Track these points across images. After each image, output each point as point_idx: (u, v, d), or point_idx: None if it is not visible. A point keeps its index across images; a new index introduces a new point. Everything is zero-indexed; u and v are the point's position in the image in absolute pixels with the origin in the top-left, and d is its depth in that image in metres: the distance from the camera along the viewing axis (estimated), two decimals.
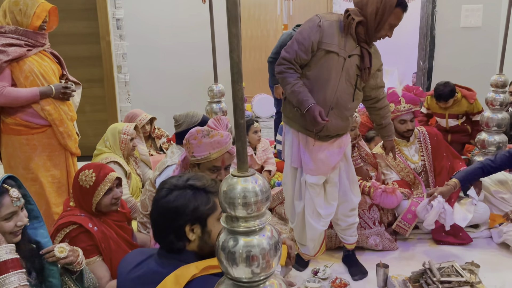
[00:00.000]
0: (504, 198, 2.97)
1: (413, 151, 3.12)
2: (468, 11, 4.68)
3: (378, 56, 2.31)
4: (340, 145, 2.30)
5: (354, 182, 2.44)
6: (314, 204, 2.31)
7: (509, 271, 2.48)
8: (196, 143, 2.02)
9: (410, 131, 3.03)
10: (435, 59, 4.80)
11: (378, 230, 2.78)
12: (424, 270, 2.17)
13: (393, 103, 3.00)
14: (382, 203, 2.77)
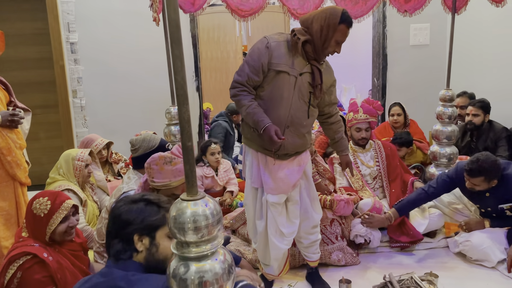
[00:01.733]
0: (458, 209, 3.08)
1: (369, 158, 3.28)
2: (416, 29, 4.91)
3: (330, 72, 2.34)
4: (300, 163, 2.31)
5: (315, 199, 2.45)
6: (277, 223, 2.30)
7: (466, 279, 2.55)
8: (157, 169, 1.99)
9: (364, 139, 3.23)
10: (388, 76, 4.99)
11: (340, 245, 2.81)
12: (385, 283, 2.20)
13: (352, 112, 3.20)
14: (343, 213, 2.90)
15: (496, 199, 2.70)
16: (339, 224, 2.87)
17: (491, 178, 2.61)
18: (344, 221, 2.92)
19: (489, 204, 2.76)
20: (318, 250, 2.54)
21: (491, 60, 4.43)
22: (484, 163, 2.56)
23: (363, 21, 3.42)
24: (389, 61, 4.96)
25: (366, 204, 2.99)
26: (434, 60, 4.83)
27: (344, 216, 2.93)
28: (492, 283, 2.49)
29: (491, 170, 2.57)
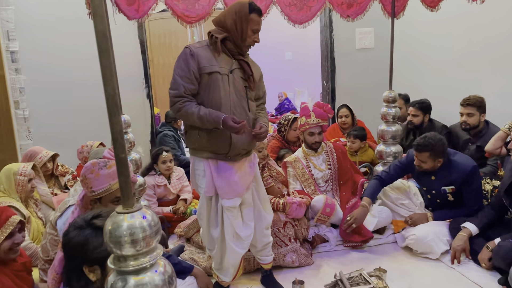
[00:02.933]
0: (404, 204, 3.21)
1: (321, 161, 3.34)
2: (361, 33, 5.09)
3: (257, 66, 2.42)
4: (250, 164, 2.35)
5: (266, 200, 2.49)
6: (234, 227, 2.31)
7: (413, 272, 2.66)
8: (93, 177, 1.92)
9: (318, 143, 3.28)
10: (337, 79, 5.13)
11: (294, 246, 2.85)
12: (336, 282, 2.25)
13: (304, 117, 3.22)
14: (296, 216, 2.93)
15: (440, 182, 2.92)
16: (292, 226, 2.91)
17: (437, 154, 2.83)
18: (297, 223, 2.96)
19: (434, 187, 2.97)
20: (271, 252, 2.56)
21: (431, 62, 4.67)
22: (430, 139, 2.82)
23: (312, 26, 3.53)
24: (337, 64, 5.11)
25: (319, 201, 3.05)
26: (379, 62, 5.03)
27: (297, 218, 2.97)
28: (437, 274, 2.62)
29: (436, 145, 2.80)
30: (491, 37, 3.83)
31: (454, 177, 2.87)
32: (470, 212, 2.85)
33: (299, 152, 3.42)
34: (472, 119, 3.36)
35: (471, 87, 3.98)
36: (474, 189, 2.88)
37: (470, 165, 2.84)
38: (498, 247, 2.44)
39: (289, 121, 3.89)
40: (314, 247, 3.05)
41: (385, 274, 2.42)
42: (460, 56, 4.23)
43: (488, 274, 2.53)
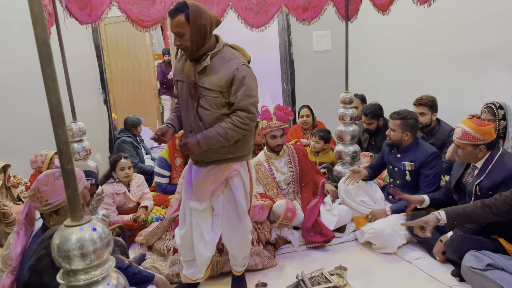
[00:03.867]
0: (364, 201, 3.31)
1: (283, 164, 3.38)
2: (318, 36, 5.19)
3: (226, 69, 2.13)
4: (217, 174, 2.25)
5: (242, 214, 2.35)
6: (201, 229, 2.32)
7: (373, 268, 2.74)
8: (49, 189, 1.84)
9: (280, 146, 3.31)
10: (296, 81, 5.21)
11: (257, 249, 2.86)
12: (298, 282, 2.28)
13: (265, 120, 3.24)
14: (258, 218, 2.95)
15: (403, 158, 3.18)
16: (255, 229, 2.92)
17: (406, 126, 3.12)
18: (260, 226, 2.97)
19: (397, 164, 3.21)
20: (244, 263, 2.53)
21: (385, 63, 4.83)
22: (405, 112, 3.17)
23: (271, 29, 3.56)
24: (296, 66, 5.19)
25: (279, 206, 3.08)
26: (336, 64, 5.13)
27: (260, 221, 2.99)
28: (395, 269, 2.71)
29: (409, 117, 3.12)
30: (439, 38, 4.01)
31: (417, 156, 3.12)
32: None
33: (261, 155, 3.44)
34: (424, 118, 3.50)
35: (423, 86, 4.15)
36: (431, 174, 3.05)
37: (434, 149, 3.11)
38: (450, 241, 2.55)
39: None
40: (277, 248, 3.07)
41: (345, 272, 2.48)
42: (411, 56, 4.40)
43: (442, 266, 2.64)
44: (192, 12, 2.04)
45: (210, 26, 2.11)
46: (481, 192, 2.54)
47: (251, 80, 2.12)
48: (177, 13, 2.05)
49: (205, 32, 2.09)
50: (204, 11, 2.09)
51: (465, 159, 2.63)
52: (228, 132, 2.12)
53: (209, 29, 2.11)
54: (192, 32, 2.05)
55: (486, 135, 2.51)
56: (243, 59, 2.17)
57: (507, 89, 3.33)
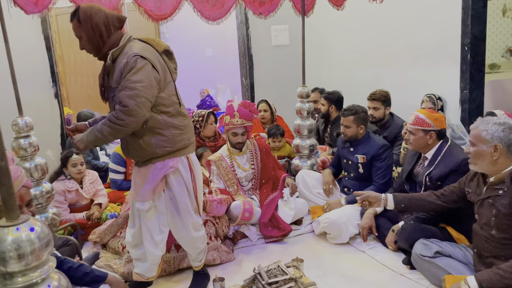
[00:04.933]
0: (320, 193, 3.37)
1: (245, 160, 3.36)
2: (276, 31, 5.22)
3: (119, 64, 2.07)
4: (153, 172, 2.19)
5: (184, 212, 2.29)
6: (149, 229, 2.29)
7: (328, 258, 2.80)
8: None
9: (240, 143, 3.28)
10: (255, 75, 5.21)
11: (215, 244, 2.84)
12: (255, 276, 2.29)
13: (228, 116, 3.21)
14: (217, 213, 2.93)
15: (356, 152, 3.26)
16: (213, 224, 2.90)
17: (359, 120, 3.20)
18: (218, 221, 2.95)
19: (350, 157, 3.28)
20: (199, 258, 2.51)
21: (341, 58, 4.93)
22: (354, 106, 3.24)
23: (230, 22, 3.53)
24: (254, 61, 5.19)
25: (236, 208, 3.06)
26: (294, 59, 5.17)
27: (218, 216, 2.97)
28: (350, 259, 2.78)
29: (360, 111, 3.20)
30: (391, 34, 4.13)
31: (368, 149, 3.21)
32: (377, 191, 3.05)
33: (223, 150, 3.41)
34: (378, 113, 3.61)
35: (377, 81, 4.26)
36: (383, 166, 3.15)
37: (384, 142, 3.23)
38: (401, 230, 2.64)
39: (204, 117, 3.86)
40: (235, 243, 3.07)
41: (302, 263, 2.51)
42: (365, 51, 4.51)
43: (394, 255, 2.73)
44: (81, 14, 2.04)
45: (106, 25, 2.05)
46: (430, 182, 2.65)
47: (137, 72, 1.99)
48: (72, 18, 2.07)
49: (100, 32, 2.04)
50: (96, 11, 2.05)
51: (416, 147, 2.72)
52: (104, 128, 2.03)
53: (106, 28, 2.06)
54: (86, 33, 2.05)
55: (436, 122, 2.63)
56: (142, 51, 2.05)
57: (453, 83, 3.48)
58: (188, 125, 2.26)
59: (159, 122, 2.12)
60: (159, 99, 2.12)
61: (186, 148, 2.24)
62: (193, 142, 2.30)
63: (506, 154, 1.99)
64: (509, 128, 1.99)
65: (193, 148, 2.31)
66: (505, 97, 3.91)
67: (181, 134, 2.20)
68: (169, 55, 2.26)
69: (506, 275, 1.91)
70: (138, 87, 1.99)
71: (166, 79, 2.16)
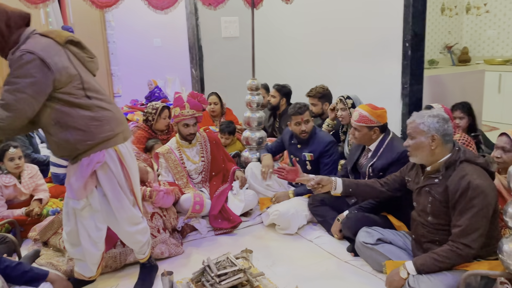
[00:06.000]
0: (270, 185, 3.42)
1: (195, 153, 3.33)
2: (226, 22, 5.18)
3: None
4: (81, 168, 2.09)
5: (117, 208, 2.20)
6: (85, 228, 2.20)
7: (277, 249, 2.85)
8: None
9: (192, 134, 3.25)
10: (205, 67, 5.17)
11: (163, 237, 2.80)
12: (204, 268, 2.28)
13: (178, 107, 3.15)
14: (163, 204, 2.87)
15: (303, 149, 3.31)
16: (160, 216, 2.86)
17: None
18: (166, 213, 2.91)
19: (298, 154, 3.32)
20: (143, 251, 2.45)
21: (291, 52, 4.99)
22: (301, 104, 3.26)
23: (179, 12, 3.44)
24: (204, 52, 5.14)
25: (187, 200, 3.05)
26: (244, 51, 5.19)
27: (165, 208, 2.92)
28: (298, 248, 2.85)
29: (308, 106, 3.29)
30: (338, 28, 4.24)
31: (315, 146, 3.26)
32: None
33: (172, 142, 3.35)
34: (315, 108, 3.80)
35: (324, 75, 4.37)
36: (329, 162, 3.23)
37: (330, 138, 3.29)
38: (346, 219, 2.74)
39: (158, 110, 3.78)
40: (184, 236, 3.04)
41: (251, 254, 2.53)
42: (313, 46, 4.60)
43: (340, 243, 2.83)
44: None
45: (8, 23, 1.95)
46: (373, 172, 2.77)
47: (21, 67, 1.90)
48: None
49: (1, 31, 1.94)
50: None
51: (361, 141, 2.84)
52: None
53: (7, 27, 1.95)
54: None
55: (379, 118, 2.74)
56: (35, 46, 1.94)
57: (396, 78, 3.64)
58: (110, 116, 2.11)
59: (69, 116, 2.01)
60: (63, 93, 1.99)
61: (110, 140, 2.11)
62: (120, 132, 2.15)
63: (442, 144, 2.11)
64: (442, 119, 2.12)
65: (122, 139, 2.17)
66: (442, 91, 4.15)
67: (100, 126, 2.07)
68: (77, 44, 2.11)
69: (440, 258, 2.04)
70: (20, 82, 1.88)
71: (70, 71, 2.01)
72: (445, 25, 6.59)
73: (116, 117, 2.15)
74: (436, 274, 2.05)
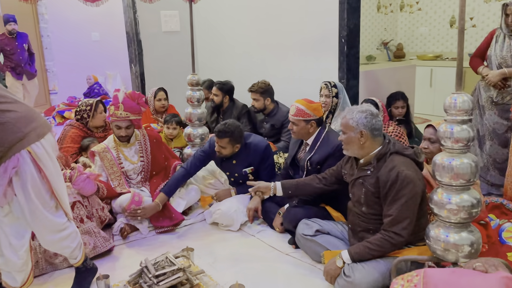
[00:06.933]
0: (211, 183, 3.40)
1: (133, 152, 3.22)
2: (166, 16, 5.06)
3: None
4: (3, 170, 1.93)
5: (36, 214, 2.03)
6: (6, 235, 2.05)
7: (219, 246, 2.83)
8: None
9: (123, 137, 3.13)
10: (145, 62, 5.02)
11: (88, 227, 2.65)
12: (142, 269, 2.22)
13: (113, 107, 3.02)
14: (83, 189, 2.70)
15: (241, 165, 3.15)
16: (83, 205, 2.71)
17: (235, 140, 3.03)
18: (88, 204, 2.76)
19: (236, 170, 3.18)
20: (74, 256, 2.32)
21: (232, 47, 4.97)
22: (230, 126, 2.99)
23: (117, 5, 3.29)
24: (144, 47, 4.99)
25: (125, 200, 2.96)
26: (185, 46, 5.08)
27: (86, 196, 2.77)
28: (240, 244, 2.85)
29: (235, 132, 2.99)
30: (278, 26, 4.28)
31: (252, 158, 3.13)
32: None
33: (109, 141, 3.22)
34: (258, 104, 3.82)
35: (265, 71, 4.41)
36: (268, 165, 3.21)
37: (264, 145, 3.17)
38: (286, 212, 2.79)
39: (92, 105, 3.61)
40: (125, 237, 2.94)
41: (192, 252, 2.50)
42: (254, 41, 4.62)
43: (281, 236, 2.87)
44: None
45: None
46: (311, 166, 2.83)
47: None
48: None
49: None
50: None
51: (299, 135, 2.89)
52: None
53: None
54: None
55: (315, 111, 2.81)
56: None
57: (333, 73, 3.74)
58: (15, 116, 1.93)
59: None
60: None
61: (23, 141, 1.94)
62: (31, 131, 1.97)
63: (371, 138, 2.20)
64: (370, 115, 2.20)
65: (35, 137, 1.99)
66: (377, 86, 4.32)
67: (5, 130, 1.91)
68: None
69: (373, 247, 2.13)
70: None
71: None
72: (381, 22, 6.86)
73: (22, 115, 1.97)
74: (370, 262, 2.14)
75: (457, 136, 1.88)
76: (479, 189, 2.61)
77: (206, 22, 5.05)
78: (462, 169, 1.89)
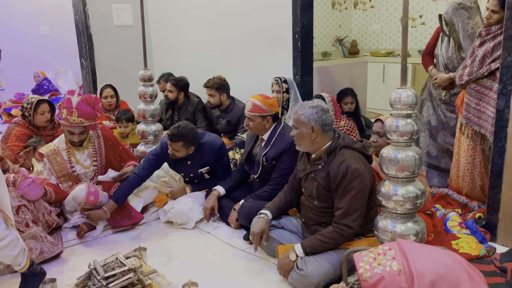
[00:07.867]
0: (166, 182, 3.34)
1: (86, 156, 3.07)
2: (118, 10, 4.91)
3: None
4: None
5: None
6: None
7: (174, 244, 2.79)
8: None
9: (76, 142, 2.98)
10: (96, 57, 4.85)
11: (32, 232, 2.52)
12: (90, 272, 2.15)
13: (66, 110, 2.84)
14: (28, 193, 2.59)
15: (196, 165, 3.09)
16: (28, 210, 2.58)
17: (189, 143, 2.94)
18: (34, 208, 2.65)
19: (191, 171, 3.12)
20: (18, 262, 2.20)
21: (185, 44, 4.90)
22: (183, 129, 2.87)
23: None
24: (95, 41, 4.82)
25: (80, 191, 2.83)
26: (139, 41, 4.92)
27: (32, 200, 2.64)
28: (195, 241, 2.82)
29: (189, 135, 2.89)
30: (234, 21, 4.26)
31: (207, 158, 3.07)
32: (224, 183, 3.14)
33: (60, 141, 3.04)
34: (213, 99, 3.78)
35: (220, 67, 4.37)
36: (224, 163, 3.17)
37: (218, 144, 3.09)
38: (241, 208, 2.78)
39: (33, 104, 3.44)
40: (82, 236, 2.83)
41: (145, 252, 2.45)
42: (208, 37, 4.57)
43: (237, 233, 2.86)
44: None
45: None
46: (267, 161, 2.84)
47: None
48: None
49: None
50: None
51: (256, 131, 2.88)
52: None
53: None
54: None
55: (271, 107, 2.81)
56: None
57: (288, 69, 3.76)
58: None
59: None
60: None
61: None
62: None
63: (322, 133, 2.23)
64: (321, 110, 2.23)
65: None
66: (331, 82, 4.40)
67: None
68: None
69: (325, 239, 2.16)
70: None
71: None
72: (336, 19, 6.99)
73: None
74: (322, 254, 2.17)
75: (402, 129, 1.95)
76: (425, 180, 2.72)
77: (161, 16, 4.95)
78: (407, 162, 1.96)
